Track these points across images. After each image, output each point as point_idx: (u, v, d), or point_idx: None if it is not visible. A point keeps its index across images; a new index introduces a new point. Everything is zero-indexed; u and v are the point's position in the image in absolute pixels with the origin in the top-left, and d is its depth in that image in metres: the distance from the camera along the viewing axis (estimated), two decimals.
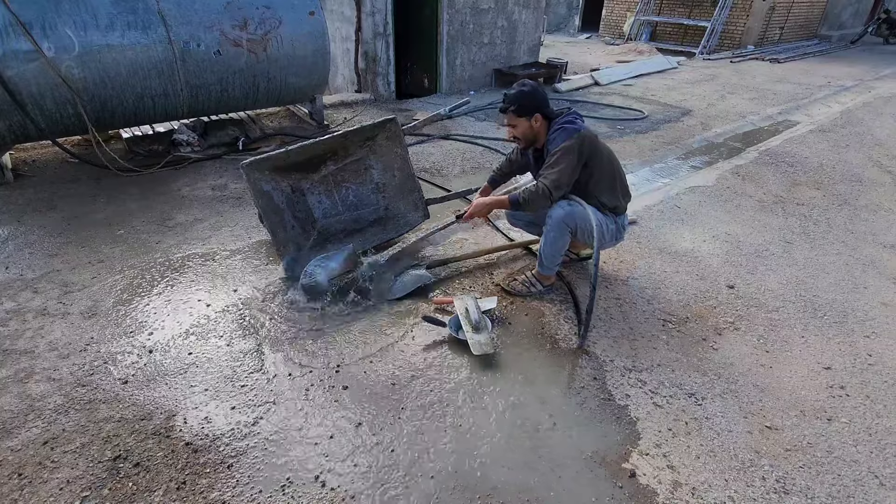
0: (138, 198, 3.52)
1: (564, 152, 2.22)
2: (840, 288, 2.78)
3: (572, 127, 2.26)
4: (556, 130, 2.28)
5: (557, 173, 2.22)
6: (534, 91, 2.32)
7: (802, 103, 7.01)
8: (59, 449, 1.70)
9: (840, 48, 13.14)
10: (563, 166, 2.22)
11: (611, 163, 2.39)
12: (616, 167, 2.42)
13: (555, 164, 2.23)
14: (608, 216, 2.43)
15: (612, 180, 2.39)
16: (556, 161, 2.23)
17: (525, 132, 2.36)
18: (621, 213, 2.49)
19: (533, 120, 2.32)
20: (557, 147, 2.23)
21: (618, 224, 2.48)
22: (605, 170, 2.36)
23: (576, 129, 2.24)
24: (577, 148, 2.22)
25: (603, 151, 2.36)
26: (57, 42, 3.39)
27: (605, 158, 2.36)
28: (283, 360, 2.12)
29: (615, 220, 2.46)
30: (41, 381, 1.97)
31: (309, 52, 4.57)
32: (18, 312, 2.35)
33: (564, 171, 2.22)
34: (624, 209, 2.49)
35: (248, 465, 1.67)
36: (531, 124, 2.33)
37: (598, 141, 2.35)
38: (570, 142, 2.21)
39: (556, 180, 2.22)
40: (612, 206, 2.42)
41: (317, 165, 2.84)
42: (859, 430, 1.89)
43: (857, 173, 4.51)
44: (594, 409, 1.94)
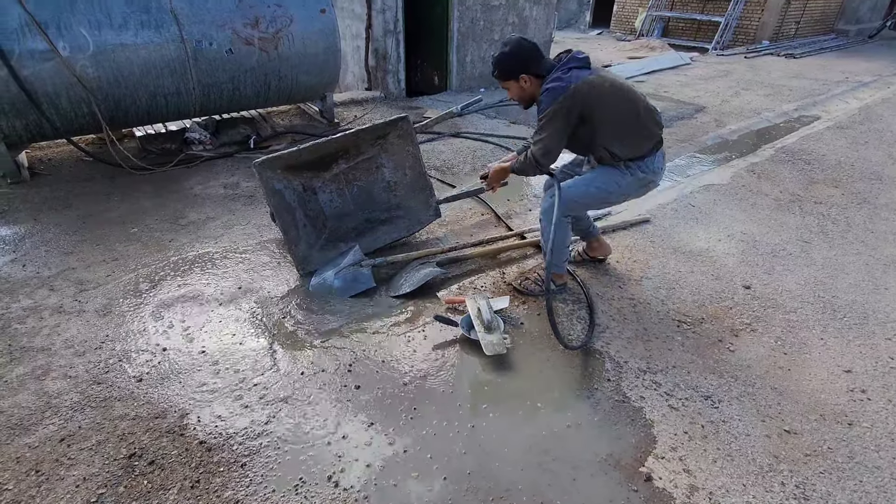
0: (152, 196, 3.55)
1: (549, 118, 2.09)
2: (860, 289, 2.72)
3: (559, 86, 2.06)
4: (543, 91, 2.12)
5: (543, 141, 2.13)
6: (515, 51, 2.15)
7: (819, 99, 6.88)
8: (75, 446, 1.72)
9: (858, 43, 12.88)
10: (548, 133, 2.11)
11: (619, 107, 2.14)
12: (629, 109, 2.16)
13: (540, 130, 2.14)
14: (621, 169, 2.23)
15: (623, 127, 2.16)
16: (541, 128, 2.14)
17: (518, 94, 2.25)
18: (646, 157, 2.23)
19: (521, 81, 2.18)
20: (543, 112, 2.11)
21: (636, 174, 2.24)
22: (613, 117, 2.13)
23: (563, 88, 2.05)
24: (563, 111, 2.06)
25: (607, 97, 2.11)
26: (72, 41, 3.42)
27: (612, 104, 2.12)
28: (296, 359, 2.12)
29: (632, 170, 2.23)
30: (58, 379, 1.99)
31: (320, 49, 4.56)
32: (35, 310, 2.38)
33: (551, 138, 2.11)
34: (646, 153, 2.22)
35: (262, 465, 1.67)
36: (520, 85, 2.20)
37: (601, 86, 2.10)
38: (556, 105, 2.06)
39: (543, 148, 2.14)
40: (629, 156, 2.20)
41: (328, 164, 2.84)
42: (881, 436, 1.85)
43: (877, 171, 4.41)
44: (608, 411, 1.92)
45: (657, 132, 2.26)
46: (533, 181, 4.02)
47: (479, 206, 3.54)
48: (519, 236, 3.11)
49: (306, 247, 2.73)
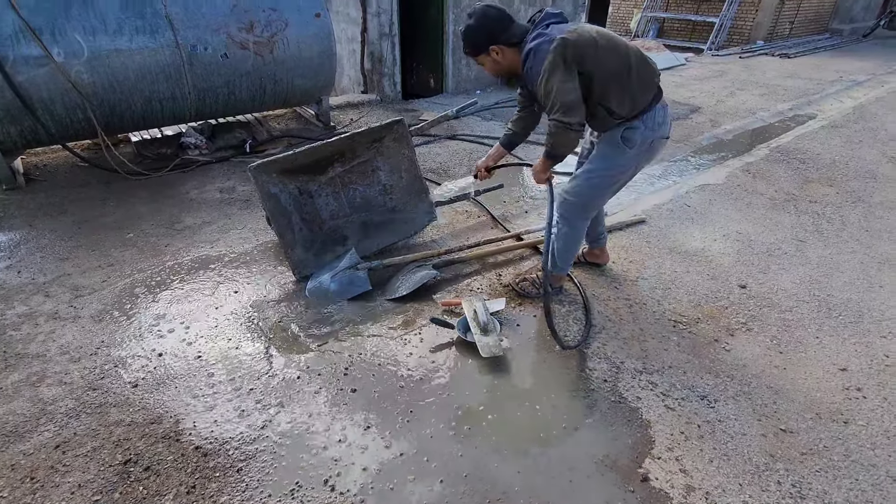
0: (147, 201, 3.55)
1: (548, 75, 1.88)
2: (855, 287, 2.73)
3: (544, 41, 1.90)
4: (528, 53, 1.94)
5: (555, 99, 1.88)
6: (481, 22, 1.98)
7: (814, 99, 6.91)
8: (70, 453, 1.71)
9: (852, 42, 12.95)
10: (555, 89, 1.87)
11: (609, 56, 1.95)
12: (620, 57, 1.98)
13: (547, 94, 1.90)
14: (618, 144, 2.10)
15: (617, 78, 1.98)
16: (546, 91, 1.90)
17: (494, 68, 2.09)
18: (645, 112, 2.07)
19: (493, 53, 2.02)
20: (537, 77, 1.92)
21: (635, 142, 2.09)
22: (606, 68, 1.95)
23: (548, 43, 1.88)
24: (559, 61, 1.86)
25: (596, 48, 1.92)
26: (66, 47, 3.41)
27: (601, 55, 1.93)
28: (292, 363, 2.12)
29: (629, 140, 2.08)
30: (53, 385, 1.99)
31: (315, 53, 4.57)
32: (30, 316, 2.37)
33: (561, 92, 1.87)
34: (645, 106, 2.06)
35: (258, 469, 1.66)
36: (493, 58, 2.04)
37: (587, 35, 1.92)
38: (547, 60, 1.87)
39: (561, 106, 1.88)
40: (628, 112, 2.04)
41: (324, 167, 2.84)
42: (877, 434, 1.85)
43: (872, 170, 4.43)
44: (605, 412, 1.92)
45: (654, 81, 2.09)
46: (530, 183, 4.03)
47: (475, 208, 3.55)
48: (515, 238, 3.12)
49: (302, 250, 2.73)
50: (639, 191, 3.85)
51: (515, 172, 4.24)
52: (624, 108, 2.03)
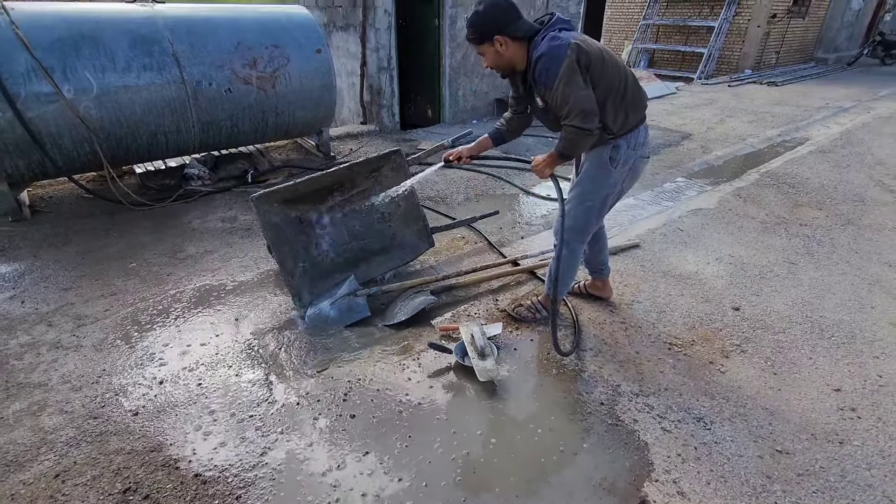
0: (150, 231, 3.61)
1: (566, 79, 1.90)
2: (847, 308, 2.77)
3: (560, 44, 1.92)
4: (541, 56, 1.94)
5: (574, 105, 1.91)
6: (488, 9, 1.97)
7: (801, 125, 7.10)
8: (70, 482, 1.72)
9: (837, 70, 13.35)
10: (573, 95, 1.90)
11: (609, 71, 2.02)
12: (618, 74, 2.05)
13: (564, 99, 1.92)
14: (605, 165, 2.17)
15: (615, 93, 2.04)
16: (564, 97, 1.92)
17: (494, 60, 2.07)
18: (631, 132, 2.15)
19: (496, 43, 2.00)
20: (553, 81, 1.92)
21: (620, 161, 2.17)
22: (607, 81, 2.01)
23: (564, 46, 1.91)
24: (573, 66, 1.90)
25: (599, 60, 1.98)
26: (76, 84, 3.55)
27: (603, 68, 1.99)
28: (292, 390, 2.14)
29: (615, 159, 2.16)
30: (54, 414, 2.00)
31: (316, 87, 4.73)
32: (33, 346, 2.40)
33: (580, 99, 1.90)
34: (633, 125, 2.15)
35: (257, 496, 1.67)
36: (496, 49, 2.01)
37: (593, 46, 1.99)
38: (564, 65, 1.89)
39: (581, 112, 1.91)
40: (619, 129, 2.11)
41: (324, 197, 2.91)
42: (872, 454, 1.86)
43: (860, 193, 4.53)
44: (602, 435, 1.94)
45: (645, 103, 2.19)
46: (526, 210, 4.12)
47: (472, 234, 3.62)
48: (512, 263, 3.17)
49: (302, 279, 2.77)
50: (632, 216, 3.93)
51: (511, 200, 4.33)
52: (616, 124, 2.10)
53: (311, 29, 4.71)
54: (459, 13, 6.55)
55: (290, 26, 4.59)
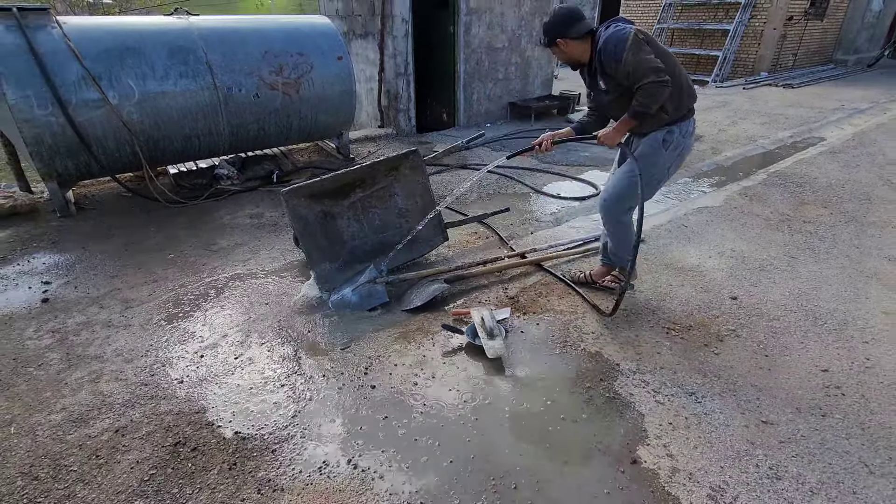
0: (185, 226, 3.90)
1: (634, 49, 2.20)
2: (842, 298, 2.90)
3: (619, 29, 2.27)
4: (604, 42, 2.28)
5: (645, 66, 2.18)
6: (552, 20, 2.41)
7: (814, 126, 7.14)
8: (128, 436, 1.97)
9: (856, 72, 13.21)
10: (644, 58, 2.19)
11: (667, 59, 2.30)
12: (674, 63, 2.34)
13: (636, 65, 2.20)
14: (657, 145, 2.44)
15: (673, 76, 2.27)
16: (635, 63, 2.20)
17: (562, 57, 2.49)
18: (685, 119, 2.45)
19: (560, 45, 2.41)
20: (622, 53, 2.22)
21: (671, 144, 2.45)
22: (665, 61, 2.26)
23: (625, 30, 2.25)
24: (638, 40, 2.22)
25: (659, 49, 2.30)
26: (120, 91, 3.87)
27: (662, 55, 2.28)
28: (318, 364, 2.37)
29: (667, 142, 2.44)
30: (110, 381, 2.26)
31: (337, 92, 5.00)
32: (88, 324, 2.68)
33: (648, 60, 2.19)
34: (686, 113, 2.45)
35: (290, 450, 1.89)
36: (561, 49, 2.44)
37: (651, 37, 2.31)
38: (629, 40, 2.21)
39: (652, 69, 2.18)
40: (675, 114, 2.39)
41: (347, 193, 3.15)
42: (853, 426, 2.01)
43: (867, 192, 4.61)
44: (600, 406, 2.11)
45: (695, 94, 2.49)
46: (535, 207, 4.31)
47: (483, 230, 3.82)
48: (520, 256, 3.36)
49: (326, 267, 3.01)
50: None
51: (522, 199, 4.52)
52: (673, 109, 2.39)
53: (333, 37, 4.99)
54: (473, 20, 6.78)
55: (313, 35, 4.88)
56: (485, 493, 1.73)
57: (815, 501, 1.70)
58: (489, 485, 1.76)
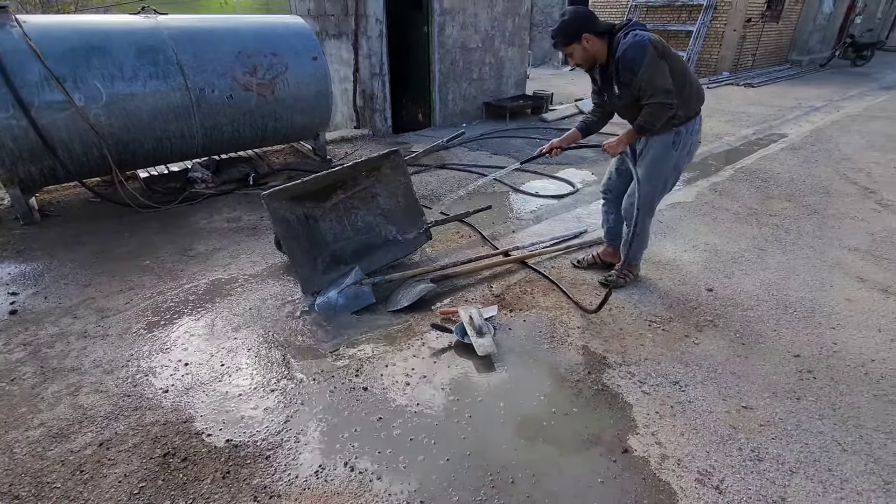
0: (159, 231, 3.79)
1: (650, 65, 2.32)
2: (809, 287, 3.05)
3: (643, 37, 2.34)
4: (627, 47, 2.34)
5: (658, 85, 2.33)
6: (572, 17, 2.44)
7: (775, 124, 7.46)
8: (113, 449, 1.91)
9: (810, 72, 13.86)
10: (657, 76, 2.33)
11: (679, 64, 2.44)
12: (685, 68, 2.48)
13: (650, 81, 2.33)
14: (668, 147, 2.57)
15: (684, 82, 2.44)
16: (649, 78, 2.33)
17: (582, 55, 2.49)
18: (692, 119, 2.57)
19: (584, 41, 2.43)
20: (638, 67, 2.33)
21: (680, 143, 2.58)
22: (678, 72, 2.41)
23: (647, 39, 2.34)
24: (656, 55, 2.33)
25: (672, 55, 2.43)
26: (87, 93, 3.72)
27: (675, 60, 2.43)
28: (308, 368, 2.35)
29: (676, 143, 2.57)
30: (90, 394, 2.19)
31: (313, 92, 4.94)
32: (62, 336, 2.58)
33: (663, 77, 2.33)
34: (693, 114, 2.57)
35: (284, 455, 1.87)
36: (584, 46, 2.45)
37: (665, 43, 2.42)
38: (648, 53, 2.31)
39: (664, 90, 2.33)
40: (685, 114, 2.52)
41: (328, 194, 3.13)
42: (825, 407, 2.12)
43: (826, 186, 4.85)
44: (589, 398, 2.17)
45: (703, 95, 2.61)
46: (516, 206, 4.36)
47: (466, 229, 3.85)
48: (504, 254, 3.40)
49: (310, 270, 2.98)
50: None
51: (502, 197, 4.57)
52: (683, 110, 2.50)
53: (308, 37, 4.93)
54: (447, 21, 6.81)
55: (287, 35, 4.81)
56: (483, 489, 1.75)
57: (795, 480, 1.79)
58: (486, 480, 1.79)
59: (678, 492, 1.74)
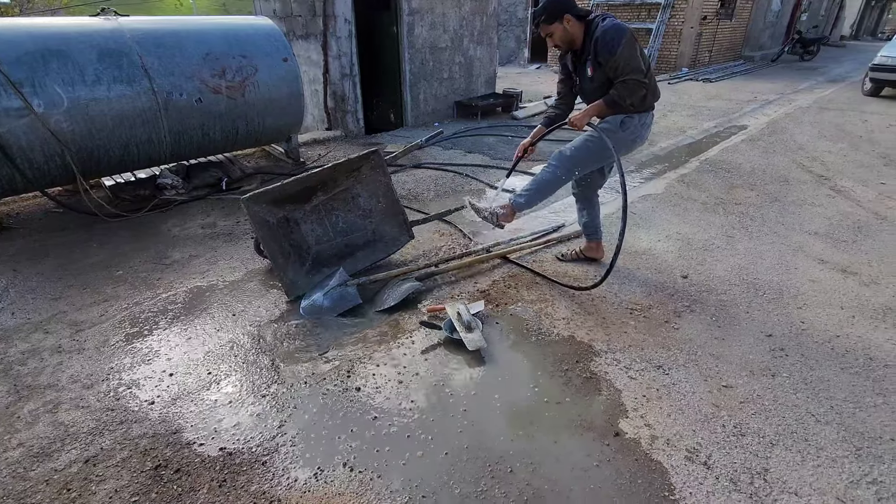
0: (131, 240, 3.66)
1: (627, 47, 2.46)
2: (776, 270, 3.21)
3: (620, 25, 2.50)
4: (604, 31, 2.48)
5: (634, 64, 2.47)
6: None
7: (734, 117, 7.79)
8: (101, 465, 1.84)
9: (763, 67, 14.52)
10: (634, 57, 2.47)
11: (644, 57, 2.57)
12: (648, 63, 2.60)
13: (627, 60, 2.46)
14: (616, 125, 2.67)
15: (648, 71, 2.58)
16: (627, 58, 2.46)
17: (561, 35, 2.60)
18: (645, 112, 2.70)
19: (564, 22, 2.56)
20: (618, 48, 2.45)
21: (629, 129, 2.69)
22: (644, 61, 2.55)
23: (622, 27, 2.50)
24: (632, 39, 2.48)
25: (642, 50, 2.57)
26: (46, 98, 3.56)
27: (642, 52, 2.56)
28: (298, 372, 2.32)
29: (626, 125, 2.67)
30: (70, 410, 2.10)
31: (284, 94, 4.87)
32: (34, 352, 2.47)
33: (639, 59, 2.48)
34: (648, 107, 2.70)
35: (281, 460, 1.85)
36: (564, 26, 2.57)
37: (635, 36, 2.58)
38: (626, 37, 2.46)
39: (638, 69, 2.47)
40: (641, 106, 2.64)
41: (308, 196, 3.10)
42: (798, 382, 2.24)
43: (784, 174, 5.11)
44: (579, 386, 2.23)
45: (659, 92, 2.74)
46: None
47: (447, 227, 3.87)
48: (486, 250, 3.45)
49: (293, 273, 2.95)
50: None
51: (479, 196, 4.62)
52: (637, 101, 2.59)
53: (277, 38, 4.85)
54: (416, 21, 6.82)
55: (256, 36, 4.72)
56: (483, 479, 1.78)
57: (776, 451, 1.89)
58: (486, 471, 1.82)
59: (669, 469, 1.81)
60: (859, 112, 8.11)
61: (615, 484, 1.76)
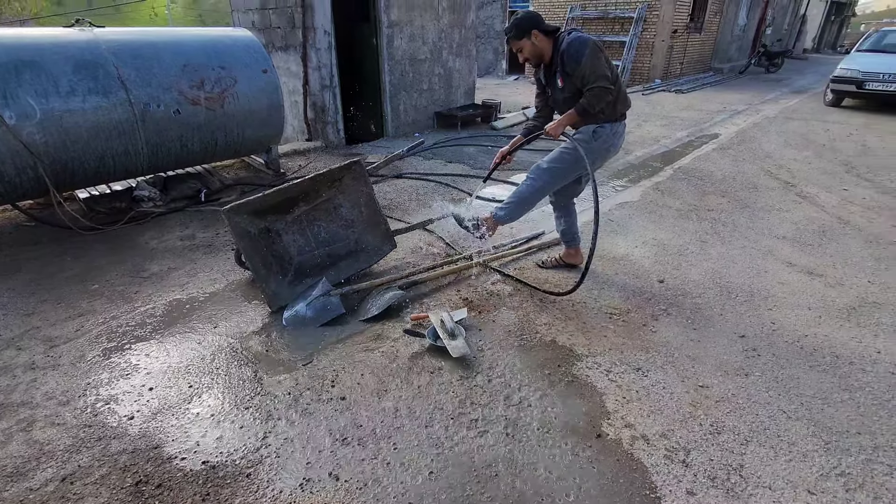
0: (106, 253, 3.59)
1: (591, 56, 2.56)
2: (747, 273, 3.33)
3: (583, 35, 2.62)
4: (568, 44, 2.60)
5: (599, 72, 2.56)
6: (525, 16, 2.71)
7: (705, 127, 8.05)
8: (78, 483, 1.80)
9: (731, 78, 15.05)
10: (599, 65, 2.57)
11: (612, 67, 2.66)
12: (617, 74, 2.70)
13: (592, 68, 2.56)
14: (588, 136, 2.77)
15: (615, 79, 2.67)
16: (592, 67, 2.56)
17: (531, 50, 2.72)
18: (616, 121, 2.79)
19: (533, 37, 2.67)
20: (582, 58, 2.56)
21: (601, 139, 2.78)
22: (611, 72, 2.64)
23: (586, 37, 2.61)
24: (597, 49, 2.59)
25: (608, 59, 2.67)
26: (18, 110, 3.49)
27: (609, 62, 2.66)
28: (282, 382, 2.31)
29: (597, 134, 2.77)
30: (46, 427, 2.05)
31: (264, 106, 4.85)
32: (5, 369, 2.40)
33: (604, 67, 2.58)
34: (619, 116, 2.80)
35: (266, 472, 1.84)
36: (532, 42, 2.68)
37: (603, 49, 2.68)
38: (589, 47, 2.57)
39: (604, 77, 2.56)
40: (610, 115, 2.74)
41: (290, 207, 3.10)
42: (769, 380, 2.33)
43: (753, 181, 5.30)
44: (562, 390, 2.27)
45: (629, 102, 2.84)
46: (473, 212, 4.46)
47: (429, 236, 3.91)
48: (468, 259, 3.49)
49: (275, 284, 2.93)
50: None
51: (459, 204, 4.66)
52: (610, 110, 2.72)
53: (257, 50, 4.85)
54: (395, 33, 6.89)
55: (234, 48, 4.71)
56: (468, 485, 1.80)
57: (750, 448, 1.96)
58: (472, 476, 1.84)
59: (650, 468, 1.86)
60: (822, 122, 8.48)
61: (598, 484, 1.80)
